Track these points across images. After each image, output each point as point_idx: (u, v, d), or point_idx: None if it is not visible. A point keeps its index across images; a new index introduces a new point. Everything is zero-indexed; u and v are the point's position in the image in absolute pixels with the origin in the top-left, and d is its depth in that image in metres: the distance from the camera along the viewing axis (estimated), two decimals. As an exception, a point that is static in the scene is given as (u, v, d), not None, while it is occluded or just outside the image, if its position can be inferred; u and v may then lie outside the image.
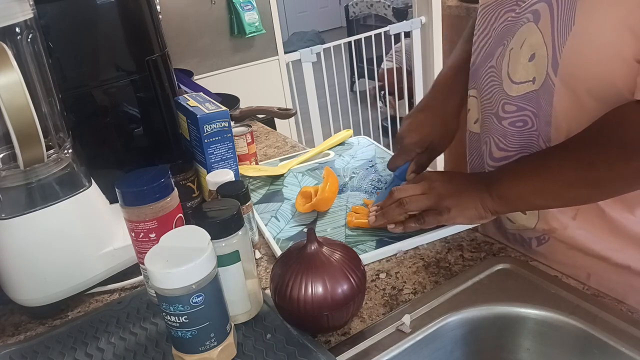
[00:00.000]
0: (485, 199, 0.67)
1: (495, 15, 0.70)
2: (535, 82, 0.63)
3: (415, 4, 2.75)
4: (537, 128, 0.65)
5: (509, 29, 0.67)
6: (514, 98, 0.67)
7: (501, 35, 0.68)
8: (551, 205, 0.67)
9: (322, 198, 0.81)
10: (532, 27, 0.62)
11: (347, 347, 0.57)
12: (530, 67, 0.63)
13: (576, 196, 0.63)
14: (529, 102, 0.65)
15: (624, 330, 0.54)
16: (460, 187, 0.70)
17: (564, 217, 0.68)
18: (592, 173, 0.59)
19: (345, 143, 1.10)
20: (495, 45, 0.70)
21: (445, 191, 0.69)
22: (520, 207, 0.69)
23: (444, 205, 0.68)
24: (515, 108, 0.67)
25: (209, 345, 0.52)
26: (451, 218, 0.69)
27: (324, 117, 2.65)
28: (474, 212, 0.68)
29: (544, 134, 0.65)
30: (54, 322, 0.68)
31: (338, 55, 2.72)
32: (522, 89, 0.65)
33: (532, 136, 0.67)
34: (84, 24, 0.75)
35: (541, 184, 0.63)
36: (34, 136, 0.59)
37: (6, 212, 0.63)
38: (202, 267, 0.49)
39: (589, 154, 0.59)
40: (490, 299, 0.60)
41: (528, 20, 0.63)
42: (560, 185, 0.62)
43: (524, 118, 0.66)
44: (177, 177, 0.83)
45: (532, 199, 0.66)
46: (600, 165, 0.58)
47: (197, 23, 2.15)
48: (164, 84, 0.85)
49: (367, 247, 0.72)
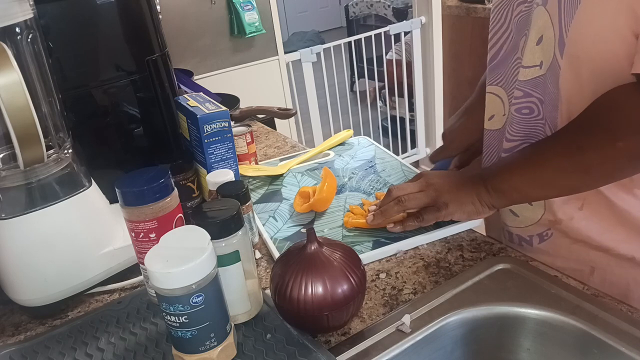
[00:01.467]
0: (481, 193, 0.68)
1: (510, 9, 0.70)
2: (542, 67, 0.63)
3: (415, 4, 2.75)
4: (544, 115, 0.65)
5: (525, 19, 0.67)
6: (522, 83, 0.67)
7: (520, 26, 0.68)
8: (547, 194, 0.67)
9: (320, 198, 0.81)
10: (541, 10, 0.62)
11: (347, 347, 0.57)
12: (537, 50, 0.63)
13: (568, 183, 0.63)
14: (536, 87, 0.65)
15: (624, 330, 0.54)
16: (457, 183, 0.71)
17: (570, 208, 0.68)
18: (581, 157, 0.59)
19: (345, 143, 1.10)
20: (517, 38, 0.70)
21: (443, 187, 0.70)
22: (517, 199, 0.70)
23: (441, 201, 0.69)
24: (522, 94, 0.67)
25: (209, 345, 0.52)
26: (449, 214, 0.70)
27: (324, 117, 2.65)
28: (471, 207, 0.69)
29: (550, 121, 0.65)
30: (54, 322, 0.68)
31: (338, 55, 2.72)
32: (530, 73, 0.65)
33: (538, 125, 0.67)
34: (84, 24, 0.75)
35: (534, 173, 0.64)
36: (34, 136, 0.59)
37: (6, 212, 0.63)
38: (202, 267, 0.49)
39: (577, 139, 0.60)
40: (490, 299, 0.60)
41: (538, 5, 0.63)
42: (552, 173, 0.63)
43: (530, 105, 0.67)
44: (177, 177, 0.83)
45: (528, 190, 0.66)
46: (588, 148, 0.59)
47: (197, 23, 2.15)
48: (164, 84, 0.85)
49: (364, 248, 0.72)
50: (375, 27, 2.84)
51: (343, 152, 1.06)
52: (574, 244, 0.69)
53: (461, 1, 2.63)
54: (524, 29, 0.67)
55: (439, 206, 0.70)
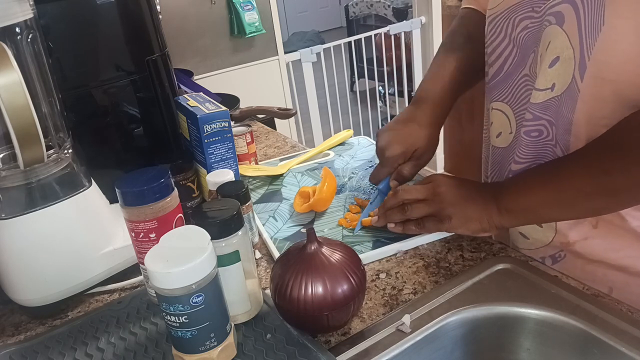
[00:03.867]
0: (491, 212, 0.65)
1: (510, 24, 0.68)
2: (555, 89, 0.61)
3: (415, 4, 2.75)
4: (554, 137, 0.63)
5: (534, 35, 0.64)
6: (533, 106, 0.64)
7: (528, 42, 0.66)
8: (562, 217, 0.65)
9: (320, 198, 0.81)
10: (556, 30, 0.59)
11: (347, 347, 0.57)
12: (549, 73, 0.61)
13: (590, 206, 0.61)
14: (546, 110, 0.63)
15: (624, 330, 0.54)
16: (466, 196, 0.67)
17: (584, 228, 0.66)
18: (607, 180, 0.57)
19: (345, 143, 1.10)
20: (524, 54, 0.67)
21: (450, 199, 0.67)
22: (529, 220, 0.67)
23: (445, 214, 0.67)
24: (531, 116, 0.65)
25: (209, 345, 0.52)
26: (452, 227, 0.67)
27: (324, 117, 2.65)
28: (477, 226, 0.66)
29: (562, 143, 0.63)
30: (54, 322, 0.68)
31: (338, 55, 2.72)
32: (542, 96, 0.63)
33: (547, 146, 0.64)
34: (84, 24, 0.75)
35: (553, 194, 0.61)
36: (34, 136, 0.59)
37: (6, 212, 0.63)
38: (202, 267, 0.49)
39: (603, 161, 0.57)
40: (490, 299, 0.60)
41: (550, 23, 0.60)
42: (573, 195, 0.60)
43: (540, 128, 0.64)
44: (177, 177, 0.83)
45: (543, 211, 0.63)
46: (615, 171, 0.56)
47: (197, 23, 2.15)
48: (164, 84, 0.85)
49: (364, 248, 0.72)
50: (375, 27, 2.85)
51: (343, 152, 1.06)
52: (589, 265, 0.67)
53: (461, 1, 2.63)
54: (533, 45, 0.65)
55: (441, 218, 0.67)
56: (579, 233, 0.66)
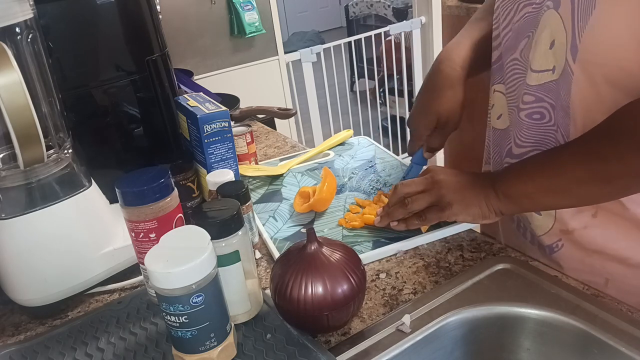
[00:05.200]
0: (490, 197, 0.65)
1: (514, 9, 0.69)
2: (555, 72, 0.61)
3: (415, 4, 2.75)
4: (555, 122, 0.64)
5: (531, 21, 0.65)
6: (532, 88, 0.65)
7: (523, 27, 0.67)
8: (560, 204, 0.65)
9: (320, 198, 0.81)
10: (553, 13, 0.60)
11: (347, 347, 0.57)
12: (550, 54, 0.61)
13: (586, 193, 0.61)
14: (548, 92, 0.63)
15: (624, 330, 0.54)
16: (465, 183, 0.68)
17: (583, 216, 0.66)
18: (602, 167, 0.57)
19: (345, 143, 1.10)
20: (516, 39, 0.68)
21: (449, 186, 0.68)
22: (527, 206, 0.68)
23: (445, 201, 0.67)
24: (533, 98, 0.65)
25: (209, 345, 0.52)
26: (453, 214, 0.67)
27: (324, 117, 2.65)
28: (477, 210, 0.66)
29: (562, 127, 0.63)
30: (54, 322, 0.68)
31: (338, 55, 2.72)
32: (542, 78, 0.63)
33: (549, 131, 0.65)
34: (84, 24, 0.75)
35: (549, 181, 0.62)
36: (34, 136, 0.59)
37: (6, 212, 0.63)
38: (202, 267, 0.49)
39: (599, 148, 0.57)
40: (490, 299, 0.60)
41: (548, 8, 0.61)
42: (569, 182, 0.60)
43: (541, 110, 0.65)
44: (177, 177, 0.83)
45: (540, 198, 0.64)
46: (611, 158, 0.56)
47: (197, 23, 2.15)
48: (164, 84, 0.85)
49: (364, 248, 0.72)
50: (375, 27, 2.85)
51: (343, 152, 1.06)
52: (587, 257, 0.67)
53: (461, 1, 2.62)
54: (527, 30, 0.66)
55: (442, 206, 0.67)
56: (579, 221, 0.67)
